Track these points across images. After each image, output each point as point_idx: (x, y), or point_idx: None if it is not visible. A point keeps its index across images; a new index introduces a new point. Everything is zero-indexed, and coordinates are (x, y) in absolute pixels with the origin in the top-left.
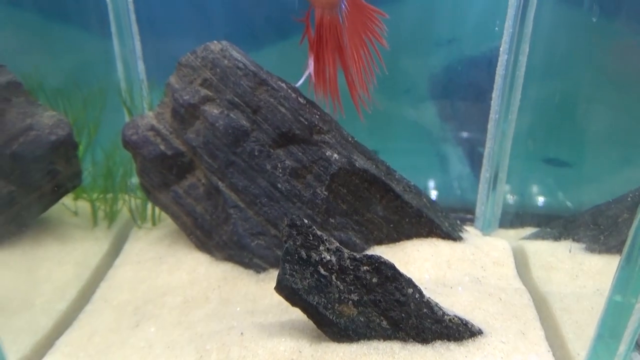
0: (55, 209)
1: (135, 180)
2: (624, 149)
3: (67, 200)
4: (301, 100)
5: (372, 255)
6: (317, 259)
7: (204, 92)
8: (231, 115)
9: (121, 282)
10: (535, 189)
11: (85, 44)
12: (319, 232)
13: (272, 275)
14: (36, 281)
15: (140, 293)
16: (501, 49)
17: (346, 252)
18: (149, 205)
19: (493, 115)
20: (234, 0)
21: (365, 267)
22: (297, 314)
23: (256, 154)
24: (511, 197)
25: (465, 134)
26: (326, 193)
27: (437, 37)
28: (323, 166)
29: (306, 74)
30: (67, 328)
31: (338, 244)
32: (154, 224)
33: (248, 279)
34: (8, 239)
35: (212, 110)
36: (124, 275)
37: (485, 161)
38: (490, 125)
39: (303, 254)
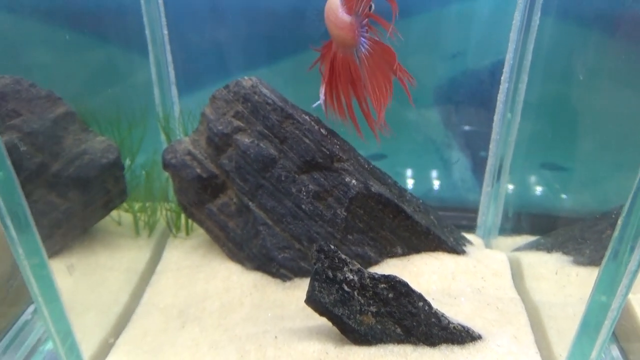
0: (103, 220)
1: (171, 192)
2: (617, 155)
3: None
4: (323, 131)
5: (389, 275)
6: (341, 278)
7: (237, 123)
8: (261, 144)
9: (164, 287)
10: (535, 195)
11: (128, 70)
12: (343, 256)
13: (297, 284)
14: (93, 286)
15: (182, 298)
16: (505, 65)
17: (366, 272)
18: (183, 216)
19: (495, 136)
20: (257, 22)
21: (382, 285)
22: (321, 320)
23: (283, 178)
24: (511, 207)
25: (467, 141)
26: (345, 213)
27: (443, 51)
28: (342, 190)
29: (320, 100)
30: (124, 328)
31: (360, 266)
32: (187, 233)
33: (276, 287)
34: (66, 248)
35: (244, 139)
36: (166, 282)
37: (487, 176)
38: (492, 144)
39: (330, 273)
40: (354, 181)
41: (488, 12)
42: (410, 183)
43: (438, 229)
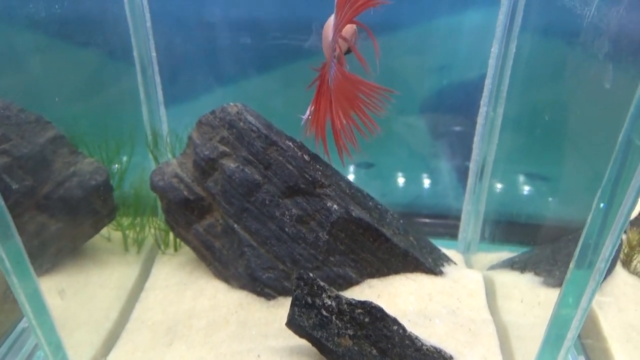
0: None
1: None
2: (596, 164)
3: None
4: (306, 157)
5: (365, 301)
6: (320, 304)
7: (222, 148)
8: (246, 170)
9: (153, 304)
10: (516, 206)
11: (117, 90)
12: (321, 283)
13: (281, 302)
14: (83, 303)
15: (170, 315)
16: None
17: (344, 298)
18: (171, 233)
19: (475, 157)
20: (246, 34)
21: (359, 310)
22: (303, 340)
23: (267, 203)
24: (491, 220)
25: (453, 150)
26: (327, 237)
27: (430, 63)
28: (324, 215)
29: (306, 115)
30: (114, 345)
31: (338, 293)
32: (175, 250)
33: (260, 305)
34: (59, 266)
35: (229, 164)
36: (155, 299)
37: (467, 194)
38: (472, 163)
39: (309, 300)
40: (335, 206)
41: (475, 26)
42: (397, 191)
43: (417, 250)
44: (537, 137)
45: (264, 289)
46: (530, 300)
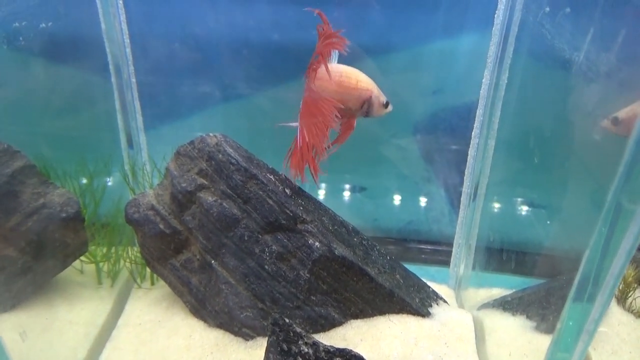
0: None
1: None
2: (593, 193)
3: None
4: (287, 192)
5: (344, 349)
6: (296, 351)
7: (200, 180)
8: (224, 204)
9: (125, 343)
10: (509, 236)
11: (92, 116)
12: (298, 329)
13: (259, 343)
14: (50, 341)
15: (142, 355)
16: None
17: (322, 345)
18: None
19: (465, 188)
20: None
21: (337, 358)
22: None
23: (246, 238)
24: (483, 250)
25: (447, 175)
26: (308, 275)
27: (423, 87)
28: (306, 252)
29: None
30: None
31: (315, 339)
32: (152, 283)
33: (237, 346)
34: (24, 302)
35: (207, 197)
36: (127, 337)
37: (458, 228)
38: (463, 195)
39: (284, 346)
40: (317, 243)
41: (468, 50)
42: (389, 216)
43: (403, 290)
44: (531, 166)
45: (241, 328)
46: (521, 347)
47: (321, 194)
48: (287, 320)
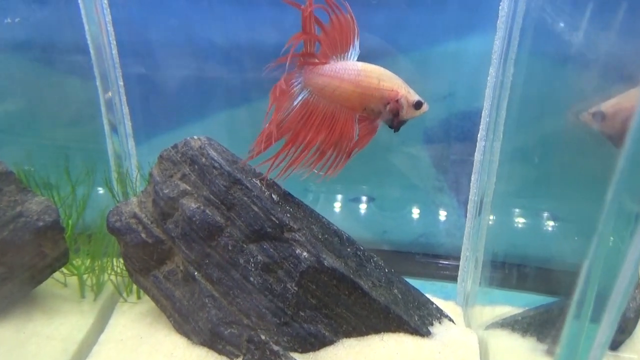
0: (47, 280)
1: None
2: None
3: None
4: (274, 197)
5: None
6: None
7: (183, 186)
8: (207, 211)
9: None
10: (519, 249)
11: (77, 121)
12: (275, 348)
13: None
14: (26, 357)
15: None
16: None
17: None
18: None
19: (472, 197)
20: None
21: None
22: None
23: (230, 248)
24: (491, 265)
25: (459, 185)
26: (296, 288)
27: (433, 92)
28: (293, 263)
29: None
30: None
31: (295, 359)
32: (138, 297)
33: None
34: (0, 315)
35: (190, 204)
36: (107, 354)
37: (465, 240)
38: (470, 204)
39: None
40: (305, 253)
41: (480, 52)
42: (399, 228)
43: (400, 306)
44: (541, 171)
45: (225, 346)
46: None
47: (325, 204)
48: (263, 338)
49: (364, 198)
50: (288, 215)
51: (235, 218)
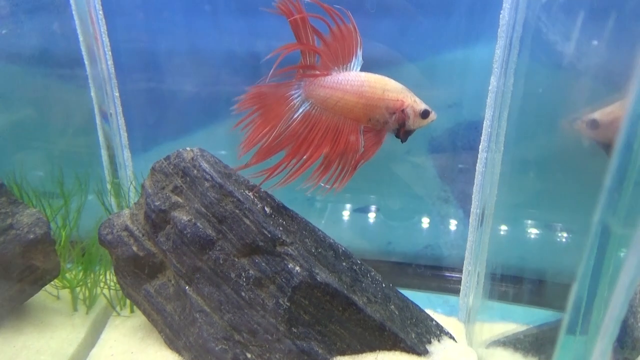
0: (39, 293)
1: None
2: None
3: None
4: (267, 210)
5: None
6: None
7: (175, 198)
8: (198, 224)
9: None
10: (523, 261)
11: (71, 132)
12: None
13: None
14: None
15: None
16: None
17: None
18: None
19: (474, 209)
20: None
21: None
22: None
23: (221, 262)
24: (496, 277)
25: (466, 196)
26: (288, 304)
27: (437, 101)
28: (285, 278)
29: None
30: None
31: None
32: (131, 311)
33: None
34: None
35: (182, 217)
36: None
37: (467, 253)
38: (472, 216)
39: None
40: (297, 268)
41: (486, 60)
42: (404, 239)
43: (397, 323)
44: (543, 182)
45: None
46: None
47: (328, 215)
48: (249, 356)
49: (370, 208)
50: (280, 228)
51: (226, 231)
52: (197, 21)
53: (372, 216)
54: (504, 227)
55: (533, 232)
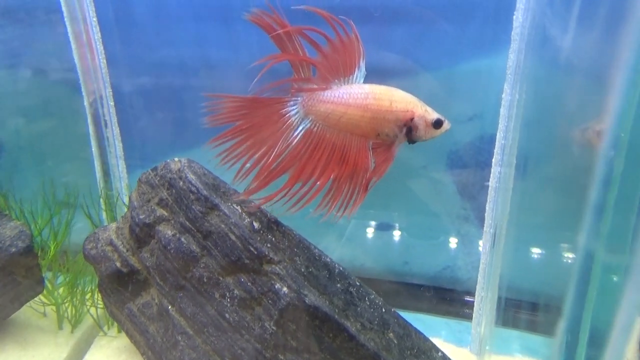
0: (25, 309)
1: None
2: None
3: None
4: (255, 225)
5: None
6: None
7: (160, 212)
8: (182, 239)
9: None
10: (540, 288)
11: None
12: None
13: None
14: None
15: None
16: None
17: None
18: None
19: (487, 228)
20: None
21: None
22: None
23: (205, 280)
24: (510, 303)
25: None
26: (275, 328)
27: (457, 113)
28: (272, 299)
29: None
30: None
31: None
32: (119, 331)
33: None
34: None
35: (166, 231)
36: None
37: (480, 278)
38: (484, 237)
39: None
40: (285, 289)
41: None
42: (421, 259)
43: (394, 354)
44: (561, 197)
45: None
46: None
47: (338, 232)
48: None
49: (382, 226)
50: (268, 245)
51: (211, 247)
52: (206, 30)
53: (387, 235)
54: (516, 249)
55: (551, 253)
